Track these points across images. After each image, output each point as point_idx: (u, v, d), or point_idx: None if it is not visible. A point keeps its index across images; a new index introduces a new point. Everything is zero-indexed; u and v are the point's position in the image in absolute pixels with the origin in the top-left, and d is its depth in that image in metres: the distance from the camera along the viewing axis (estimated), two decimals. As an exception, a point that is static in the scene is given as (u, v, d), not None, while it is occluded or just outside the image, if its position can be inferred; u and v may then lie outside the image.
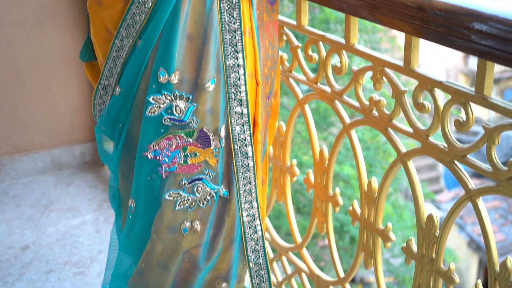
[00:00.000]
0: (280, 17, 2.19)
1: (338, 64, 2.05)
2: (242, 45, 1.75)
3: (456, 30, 1.56)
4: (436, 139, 1.78)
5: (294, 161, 2.38)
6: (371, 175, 4.50)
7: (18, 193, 3.27)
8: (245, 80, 1.77)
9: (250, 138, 1.82)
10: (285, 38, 2.27)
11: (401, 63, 1.83)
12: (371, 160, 7.81)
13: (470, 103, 1.64)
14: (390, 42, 8.99)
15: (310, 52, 2.16)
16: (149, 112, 1.75)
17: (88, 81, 3.42)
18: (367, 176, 2.06)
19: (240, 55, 1.75)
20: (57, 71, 3.35)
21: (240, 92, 1.77)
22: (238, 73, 1.76)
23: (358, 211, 2.08)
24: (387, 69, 1.88)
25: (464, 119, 1.67)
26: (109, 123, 1.87)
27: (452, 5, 1.56)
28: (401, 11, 1.69)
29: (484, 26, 1.49)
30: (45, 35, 3.25)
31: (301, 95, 2.28)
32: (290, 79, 2.32)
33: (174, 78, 1.72)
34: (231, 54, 1.75)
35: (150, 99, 1.74)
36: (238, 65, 1.76)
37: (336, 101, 2.12)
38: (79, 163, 3.52)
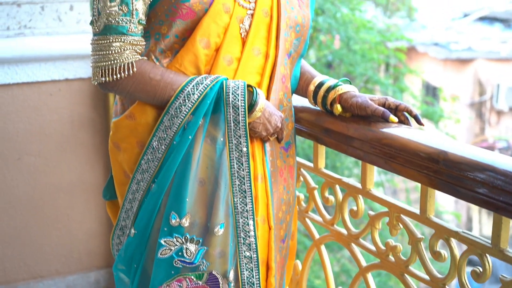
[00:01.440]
0: (298, 159, 2.22)
1: (355, 208, 2.06)
2: (251, 191, 1.78)
3: (472, 184, 1.56)
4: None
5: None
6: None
7: (29, 321, 3.22)
8: (254, 226, 1.79)
9: (259, 282, 1.82)
10: (302, 179, 2.29)
11: (417, 211, 1.83)
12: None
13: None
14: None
15: (326, 194, 2.17)
16: (160, 254, 1.77)
17: (105, 208, 3.44)
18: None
19: (249, 201, 1.78)
20: (75, 199, 3.38)
21: (249, 237, 1.80)
22: (247, 219, 1.79)
23: None
24: (403, 216, 1.88)
25: (481, 270, 1.65)
26: (125, 262, 1.90)
27: (468, 158, 1.58)
28: (417, 162, 1.71)
29: (500, 181, 1.49)
30: (65, 164, 3.30)
31: (317, 235, 2.28)
32: (307, 219, 2.32)
33: (185, 222, 1.75)
34: (240, 200, 1.78)
35: (162, 242, 1.77)
36: (247, 210, 1.78)
37: (352, 244, 2.11)
38: (93, 290, 3.49)
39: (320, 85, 1.98)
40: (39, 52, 3.14)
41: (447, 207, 10.55)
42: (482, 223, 15.39)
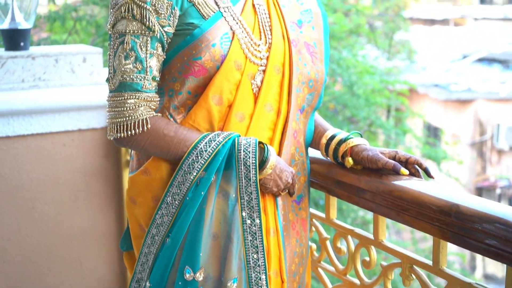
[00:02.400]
0: (310, 210, 2.24)
1: (367, 258, 2.07)
2: (263, 246, 1.80)
3: (484, 237, 1.58)
4: None
5: None
6: None
7: None
8: (266, 280, 1.81)
9: None
10: (314, 229, 2.31)
11: (429, 262, 1.84)
12: None
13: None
14: None
15: (339, 244, 2.19)
16: None
17: (117, 255, 3.45)
18: None
19: (261, 255, 1.80)
20: (88, 246, 3.39)
21: None
22: (260, 273, 1.80)
23: None
24: (416, 267, 1.90)
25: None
26: None
27: (480, 211, 1.60)
28: (429, 215, 1.73)
29: None
30: (78, 212, 3.33)
31: (330, 285, 2.29)
32: (319, 269, 2.33)
33: (199, 276, 1.76)
34: (253, 254, 1.79)
35: None
36: (259, 265, 1.80)
37: (365, 294, 2.12)
38: (104, 337, 3.48)
39: (332, 138, 2.01)
40: (53, 103, 3.18)
41: (451, 248, 10.52)
42: (485, 262, 15.31)
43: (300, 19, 1.98)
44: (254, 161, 1.78)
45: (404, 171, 1.87)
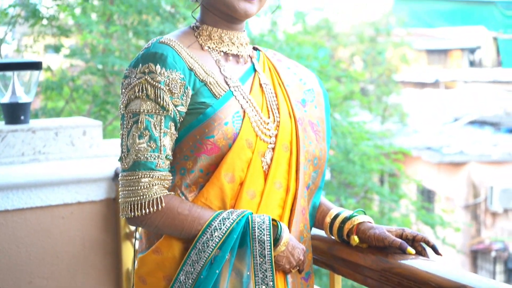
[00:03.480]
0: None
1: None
2: None
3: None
4: None
5: None
6: None
7: None
8: None
9: None
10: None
11: None
12: None
13: None
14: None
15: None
16: None
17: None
18: None
19: None
20: (85, 321, 3.34)
21: None
22: None
23: None
24: None
25: None
26: None
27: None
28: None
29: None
30: (76, 286, 3.29)
31: None
32: None
33: None
34: None
35: None
36: None
37: None
38: None
39: (336, 216, 2.02)
40: (53, 176, 3.18)
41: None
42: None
43: (304, 98, 2.02)
44: (269, 238, 1.78)
45: (411, 250, 1.86)
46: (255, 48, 2.07)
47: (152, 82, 1.79)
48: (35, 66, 3.39)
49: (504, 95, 20.20)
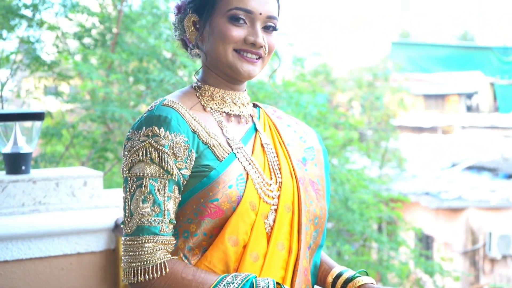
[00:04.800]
0: None
1: None
2: None
3: None
4: None
5: None
6: None
7: None
8: None
9: None
10: None
11: None
12: None
13: None
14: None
15: None
16: None
17: None
18: None
19: None
20: None
21: None
22: None
23: None
24: None
25: None
26: None
27: None
28: None
29: None
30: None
31: None
32: None
33: None
34: None
35: None
36: None
37: None
38: None
39: (338, 276, 2.02)
40: (53, 227, 3.19)
41: None
42: None
43: (304, 157, 2.03)
44: None
45: None
46: (255, 105, 2.09)
47: (156, 145, 1.79)
48: (38, 117, 3.43)
49: (502, 141, 20.29)
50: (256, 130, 2.00)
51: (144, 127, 1.81)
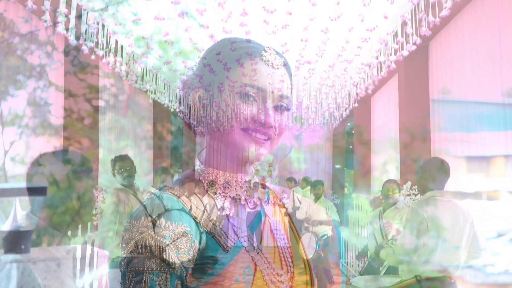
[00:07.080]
0: None
1: None
2: None
3: None
4: None
5: None
6: None
7: None
8: None
9: None
10: None
11: None
12: None
13: None
14: None
15: None
16: None
17: None
18: None
19: None
20: None
21: None
22: None
23: None
24: None
25: None
26: None
27: None
28: None
29: None
30: None
31: None
32: None
33: None
34: None
35: None
36: None
37: None
38: None
39: None
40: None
41: None
42: None
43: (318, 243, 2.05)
44: None
45: None
46: (263, 186, 2.04)
47: (156, 237, 1.73)
48: (40, 192, 3.45)
49: (553, 207, 19.98)
50: (265, 215, 1.96)
51: (143, 217, 1.76)
